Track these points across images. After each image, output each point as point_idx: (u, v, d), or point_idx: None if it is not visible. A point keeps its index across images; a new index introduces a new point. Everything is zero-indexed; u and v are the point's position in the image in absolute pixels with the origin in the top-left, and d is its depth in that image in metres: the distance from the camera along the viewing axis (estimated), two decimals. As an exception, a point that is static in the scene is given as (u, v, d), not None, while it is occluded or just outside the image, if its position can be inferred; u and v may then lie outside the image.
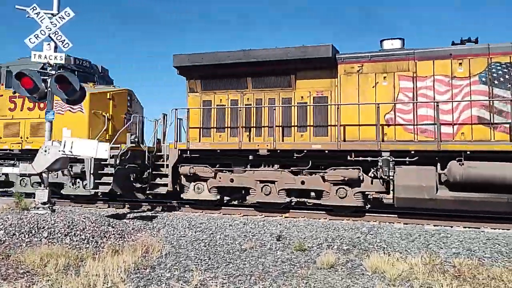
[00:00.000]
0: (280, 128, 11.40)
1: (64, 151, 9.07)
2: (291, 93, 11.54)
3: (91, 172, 12.20)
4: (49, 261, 6.40)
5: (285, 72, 11.45)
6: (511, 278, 5.74)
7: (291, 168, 11.00)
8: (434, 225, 9.75)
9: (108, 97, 13.50)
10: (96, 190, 12.47)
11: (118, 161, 12.19)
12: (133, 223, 10.01)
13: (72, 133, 12.49)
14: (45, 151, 9.27)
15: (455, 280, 5.76)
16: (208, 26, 55.29)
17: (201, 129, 12.18)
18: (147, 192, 12.38)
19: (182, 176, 11.85)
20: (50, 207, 9.18)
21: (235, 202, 12.45)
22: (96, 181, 12.27)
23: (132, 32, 55.57)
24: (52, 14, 9.64)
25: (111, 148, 12.03)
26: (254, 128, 11.75)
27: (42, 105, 12.67)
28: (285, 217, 10.94)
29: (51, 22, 9.57)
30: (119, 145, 12.32)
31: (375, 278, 5.98)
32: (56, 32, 9.60)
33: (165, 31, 57.09)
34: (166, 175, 11.94)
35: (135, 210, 12.18)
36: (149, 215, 11.17)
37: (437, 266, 6.46)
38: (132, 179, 12.71)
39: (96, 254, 7.09)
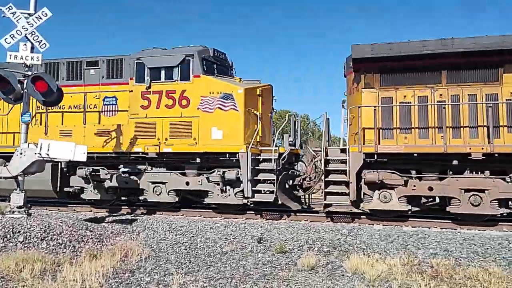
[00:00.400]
0: (485, 128, 9.84)
1: (40, 154, 8.88)
2: (497, 89, 9.98)
3: (249, 178, 10.83)
4: (24, 266, 6.24)
5: (491, 64, 10.00)
6: (487, 278, 5.87)
7: (510, 176, 9.55)
8: (412, 226, 9.91)
9: (258, 93, 11.77)
10: (254, 199, 11.07)
11: (280, 166, 10.91)
12: (112, 227, 9.85)
13: (224, 133, 11.14)
14: (21, 153, 9.07)
15: (433, 280, 5.86)
16: (208, 26, 55.37)
17: (380, 130, 10.41)
18: (325, 202, 10.69)
19: (363, 184, 10.37)
20: (26, 211, 8.96)
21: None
22: (253, 188, 10.96)
23: (132, 32, 55.15)
24: (28, 14, 9.45)
25: (269, 151, 11.02)
26: (450, 129, 10.10)
27: (184, 102, 11.48)
28: (266, 220, 10.95)
29: (27, 22, 9.37)
30: (276, 148, 11.08)
31: (355, 279, 6.04)
32: (33, 32, 9.41)
33: (165, 31, 56.88)
34: (337, 182, 10.50)
35: (114, 214, 11.99)
36: (129, 219, 11.02)
37: (415, 267, 6.57)
38: (287, 186, 11.38)
39: (74, 259, 6.95)
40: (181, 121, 11.50)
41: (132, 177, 11.91)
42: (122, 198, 12.53)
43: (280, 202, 10.99)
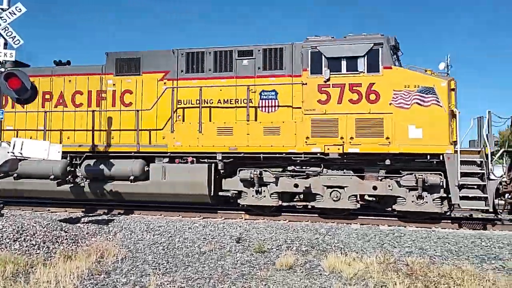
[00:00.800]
0: None
1: (13, 153, 8.65)
2: None
3: (457, 183, 9.54)
4: (-4, 268, 6.07)
5: None
6: (460, 275, 6.01)
7: None
8: (389, 225, 10.07)
9: (452, 86, 10.13)
10: (463, 207, 9.83)
11: (488, 170, 9.55)
12: (87, 227, 9.67)
13: (424, 132, 9.78)
14: (-7, 152, 8.81)
15: (408, 278, 5.96)
16: (208, 26, 54.85)
17: None
18: None
19: None
20: (-2, 212, 8.71)
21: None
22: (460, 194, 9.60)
23: (132, 32, 54.31)
24: (1, 9, 9.18)
25: (472, 152, 9.85)
26: None
27: (372, 96, 10.14)
28: (245, 220, 10.94)
29: (0, 18, 9.11)
30: (482, 149, 9.75)
31: (332, 278, 6.10)
32: (6, 28, 9.13)
33: (165, 31, 56.19)
34: None
35: (90, 214, 11.78)
36: (105, 219, 10.84)
37: (391, 265, 6.67)
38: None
39: (48, 260, 6.80)
40: (370, 118, 10.12)
41: (302, 180, 10.65)
42: (284, 204, 10.98)
43: (491, 210, 9.72)
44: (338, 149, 10.22)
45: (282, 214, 11.20)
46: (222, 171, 11.02)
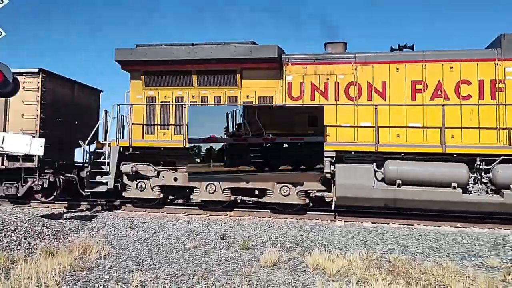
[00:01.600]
0: None
1: (-6, 147, 8.48)
2: None
3: None
4: (-26, 264, 5.97)
5: None
6: (440, 272, 6.12)
7: None
8: (372, 223, 10.18)
9: None
10: None
11: None
12: (70, 223, 9.55)
13: None
14: (-27, 146, 8.62)
15: (390, 274, 6.05)
16: (206, 26, 54.33)
17: None
18: None
19: None
20: (-22, 207, 8.54)
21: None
22: None
23: (132, 32, 53.49)
24: (-17, -1, 8.96)
25: None
26: None
27: None
28: (230, 216, 10.94)
29: (-19, 8, 8.89)
30: None
31: (315, 274, 6.14)
32: (-12, 19, 8.93)
33: (165, 31, 55.44)
34: None
35: (73, 210, 11.63)
36: (88, 215, 10.71)
37: (373, 262, 6.76)
38: None
39: (29, 256, 6.72)
40: None
41: None
42: None
43: None
44: None
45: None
46: None
